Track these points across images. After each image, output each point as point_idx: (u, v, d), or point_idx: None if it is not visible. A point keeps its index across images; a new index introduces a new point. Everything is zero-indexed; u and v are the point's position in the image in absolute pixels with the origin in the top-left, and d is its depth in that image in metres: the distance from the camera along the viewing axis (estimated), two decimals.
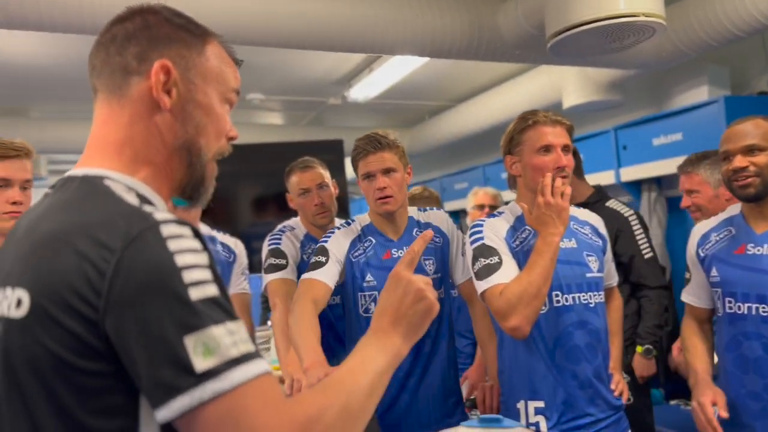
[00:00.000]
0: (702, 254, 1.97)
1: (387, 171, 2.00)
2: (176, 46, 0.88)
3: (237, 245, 2.33)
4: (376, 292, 2.04)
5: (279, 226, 2.53)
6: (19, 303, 0.75)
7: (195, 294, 0.70)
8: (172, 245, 0.72)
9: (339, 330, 2.29)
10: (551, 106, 4.30)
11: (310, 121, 6.48)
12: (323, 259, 2.00)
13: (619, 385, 1.96)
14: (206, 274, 0.72)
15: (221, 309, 0.72)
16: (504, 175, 5.51)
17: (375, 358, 0.84)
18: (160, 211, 0.77)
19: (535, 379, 1.84)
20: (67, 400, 0.72)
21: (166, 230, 0.73)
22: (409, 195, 2.16)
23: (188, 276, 0.71)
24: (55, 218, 0.79)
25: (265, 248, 2.42)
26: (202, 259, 0.73)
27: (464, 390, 2.26)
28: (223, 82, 0.91)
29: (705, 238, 1.99)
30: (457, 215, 5.54)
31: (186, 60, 0.88)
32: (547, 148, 1.85)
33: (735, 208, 1.99)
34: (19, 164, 1.75)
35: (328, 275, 1.97)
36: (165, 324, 0.69)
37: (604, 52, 2.92)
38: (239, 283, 2.34)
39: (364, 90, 5.01)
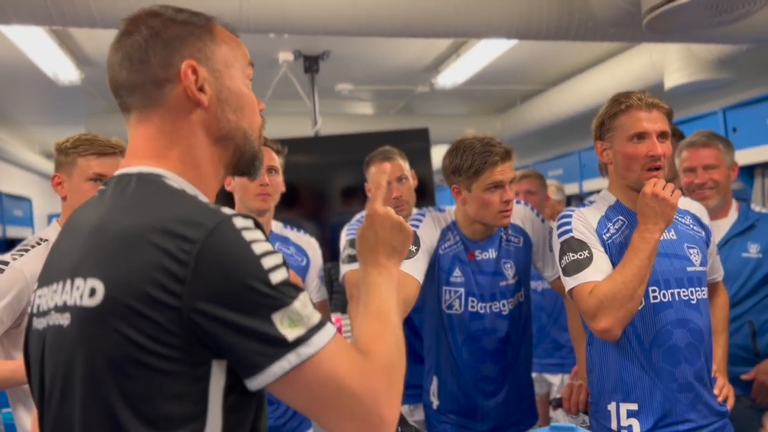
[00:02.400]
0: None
1: (511, 182, 1.93)
2: (191, 42, 0.90)
3: (311, 246, 2.21)
4: (462, 289, 1.99)
5: (356, 216, 2.51)
6: (92, 292, 0.78)
7: (275, 278, 0.78)
8: (247, 236, 0.79)
9: (415, 322, 2.24)
10: (652, 88, 4.03)
11: (399, 109, 6.46)
12: (413, 247, 1.92)
13: (723, 390, 1.81)
14: (279, 259, 0.80)
15: (293, 286, 0.80)
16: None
17: (389, 293, 0.95)
18: (228, 208, 0.82)
19: (629, 380, 1.73)
20: (138, 384, 0.77)
21: (239, 223, 0.80)
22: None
23: (267, 263, 0.78)
24: (126, 215, 0.82)
25: (343, 238, 2.41)
26: (270, 246, 0.81)
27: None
28: (239, 60, 0.95)
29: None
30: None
31: (204, 52, 0.90)
32: (640, 136, 1.71)
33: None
34: (114, 161, 1.82)
35: (418, 269, 1.90)
36: (254, 306, 0.76)
37: (709, 26, 2.68)
38: (317, 290, 2.21)
39: (451, 76, 4.93)
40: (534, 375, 3.14)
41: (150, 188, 0.86)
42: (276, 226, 2.17)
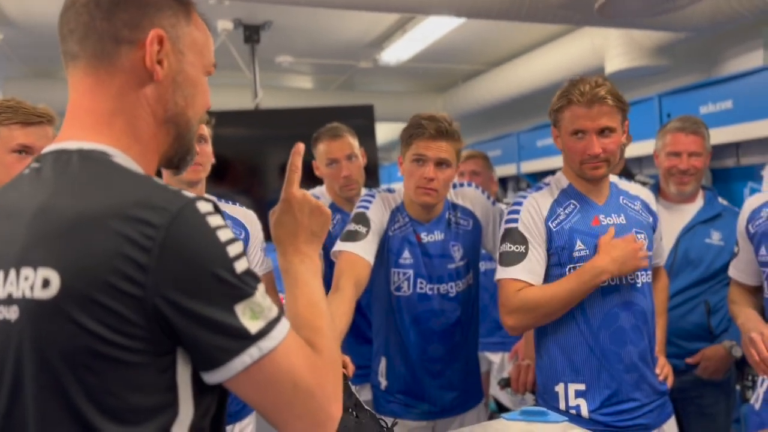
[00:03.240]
0: (752, 230, 1.85)
1: (440, 163, 1.88)
2: (166, 15, 0.86)
3: (248, 218, 2.09)
4: (410, 271, 1.96)
5: (313, 190, 2.44)
6: (46, 283, 0.73)
7: (239, 267, 0.76)
8: (212, 221, 0.76)
9: (362, 303, 2.21)
10: (592, 71, 4.09)
11: (340, 84, 6.35)
12: (363, 229, 1.90)
13: (664, 369, 1.87)
14: (240, 247, 0.78)
15: (254, 276, 0.78)
16: (540, 143, 5.34)
17: (316, 283, 0.93)
18: (188, 191, 0.79)
19: (577, 361, 1.76)
20: (101, 378, 0.73)
21: (202, 207, 0.76)
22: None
23: (231, 250, 0.76)
24: (78, 197, 0.77)
25: None
26: (232, 233, 0.78)
27: (511, 365, 2.22)
28: (206, 53, 0.92)
29: (756, 212, 1.86)
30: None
31: (176, 29, 0.87)
32: (579, 132, 1.73)
33: None
34: (41, 131, 1.68)
35: (368, 250, 1.87)
36: (219, 296, 0.74)
37: (656, 14, 2.73)
38: (262, 263, 2.10)
39: (396, 53, 4.86)
40: None
41: (98, 167, 0.80)
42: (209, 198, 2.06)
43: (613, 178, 1.91)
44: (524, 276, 1.74)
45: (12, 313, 0.75)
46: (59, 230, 0.75)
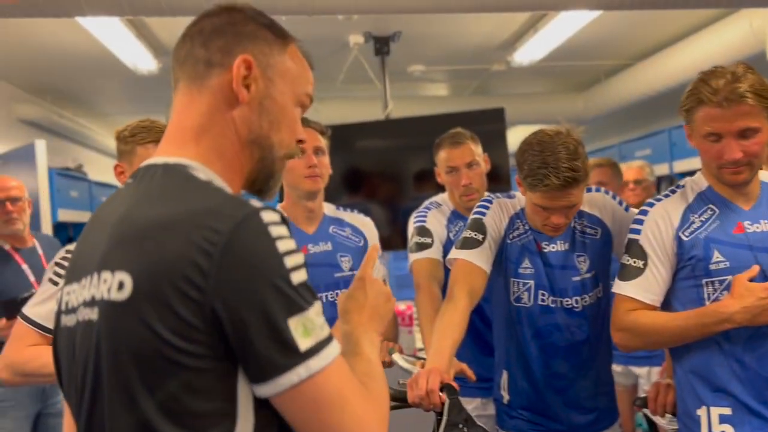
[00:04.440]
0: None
1: (567, 207, 1.75)
2: (259, 44, 0.90)
3: (366, 225, 2.12)
4: (531, 281, 1.86)
5: (425, 203, 2.41)
6: (121, 286, 0.77)
7: (296, 278, 0.76)
8: (273, 231, 0.77)
9: (486, 313, 2.13)
10: (752, 59, 3.68)
11: (474, 90, 6.28)
12: (480, 236, 1.83)
13: None
14: (301, 259, 0.78)
15: (311, 291, 0.78)
16: None
17: (375, 358, 0.93)
18: (256, 201, 0.81)
19: (720, 383, 1.57)
20: (166, 381, 0.75)
21: (266, 216, 0.77)
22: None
23: (290, 261, 0.76)
24: (153, 206, 0.81)
25: (411, 226, 2.32)
26: (294, 244, 0.78)
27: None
28: (300, 84, 0.94)
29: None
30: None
31: (267, 57, 0.90)
32: (713, 136, 1.52)
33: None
34: None
35: (484, 258, 1.80)
36: (273, 306, 0.74)
37: None
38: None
39: (529, 52, 4.73)
40: (619, 368, 2.97)
41: (176, 179, 0.84)
42: (328, 209, 2.09)
43: (765, 176, 1.67)
44: (638, 294, 1.61)
45: (94, 314, 0.81)
46: (134, 236, 0.79)
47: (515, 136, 5.54)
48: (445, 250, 2.16)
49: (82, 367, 0.83)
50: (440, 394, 1.44)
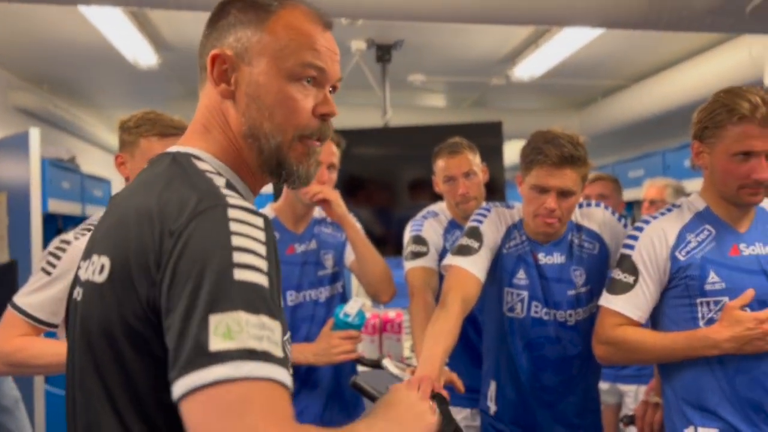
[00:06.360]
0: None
1: (563, 193, 1.75)
2: (236, 31, 0.86)
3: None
4: (525, 292, 1.86)
5: (422, 212, 2.41)
6: (102, 269, 0.79)
7: (239, 275, 0.68)
8: (234, 227, 0.72)
9: (480, 323, 2.12)
10: (750, 85, 3.72)
11: (472, 102, 6.30)
12: (476, 244, 1.83)
13: None
14: (260, 263, 0.70)
15: (263, 301, 0.69)
16: (688, 163, 4.94)
17: None
18: (238, 198, 0.77)
19: (709, 404, 1.56)
20: (133, 367, 0.74)
21: (234, 213, 0.73)
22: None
23: (239, 257, 0.69)
24: (139, 194, 0.82)
25: (407, 234, 2.32)
26: (262, 249, 0.72)
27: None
28: (288, 55, 0.86)
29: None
30: (631, 206, 5.07)
31: (243, 42, 0.86)
32: (747, 155, 1.51)
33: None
34: (176, 142, 1.78)
35: (479, 266, 1.79)
36: (199, 297, 0.67)
37: None
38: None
39: (529, 68, 4.74)
40: (605, 386, 2.98)
41: (177, 168, 0.83)
42: (317, 210, 2.14)
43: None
44: (626, 310, 1.62)
45: (80, 295, 0.84)
46: (118, 222, 0.80)
47: (511, 150, 5.56)
48: (441, 260, 2.14)
49: (71, 341, 0.86)
50: (431, 403, 1.43)
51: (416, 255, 2.20)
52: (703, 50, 4.41)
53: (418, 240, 2.24)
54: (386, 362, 1.84)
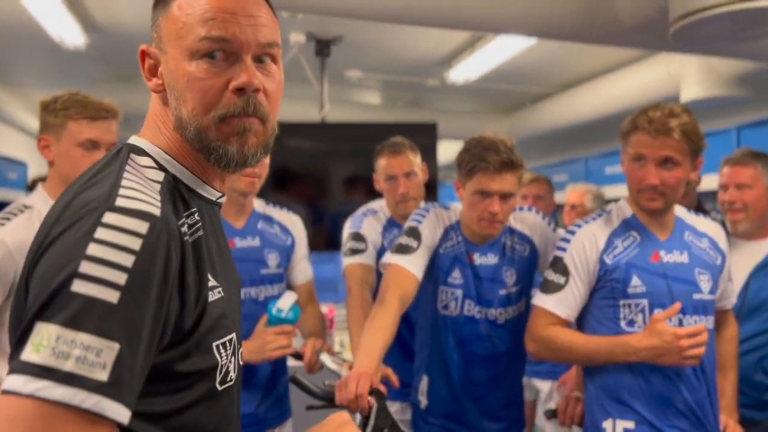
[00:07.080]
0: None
1: (505, 196, 1.83)
2: (157, 22, 0.84)
3: (294, 224, 2.10)
4: (459, 291, 1.92)
5: (361, 209, 2.43)
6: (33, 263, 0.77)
7: (77, 287, 0.64)
8: (101, 233, 0.67)
9: (413, 319, 2.18)
10: (667, 100, 3.93)
11: (407, 102, 6.37)
12: (414, 243, 1.88)
13: (728, 430, 1.76)
14: (114, 276, 0.65)
15: (94, 318, 0.64)
16: (608, 170, 5.19)
17: None
18: (137, 201, 0.72)
19: (627, 397, 1.68)
20: None
21: (110, 218, 0.69)
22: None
23: (86, 267, 0.65)
24: (68, 190, 0.79)
25: (346, 231, 2.34)
26: (128, 260, 0.66)
27: (558, 395, 2.16)
28: (186, 33, 0.80)
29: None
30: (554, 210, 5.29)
31: (159, 32, 0.84)
32: (640, 158, 1.66)
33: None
34: (106, 125, 1.72)
35: (417, 265, 1.85)
36: (35, 303, 0.65)
37: (736, 41, 2.61)
38: (304, 271, 2.12)
39: (464, 72, 4.84)
40: (523, 380, 3.10)
41: (111, 164, 0.81)
42: (258, 204, 2.06)
43: (680, 212, 1.81)
44: (556, 309, 1.73)
45: None
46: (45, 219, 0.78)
47: (444, 151, 5.67)
48: (379, 257, 2.19)
49: None
50: (369, 398, 1.47)
51: (354, 252, 2.23)
52: (626, 64, 4.64)
53: (357, 237, 2.27)
54: (324, 357, 1.87)
